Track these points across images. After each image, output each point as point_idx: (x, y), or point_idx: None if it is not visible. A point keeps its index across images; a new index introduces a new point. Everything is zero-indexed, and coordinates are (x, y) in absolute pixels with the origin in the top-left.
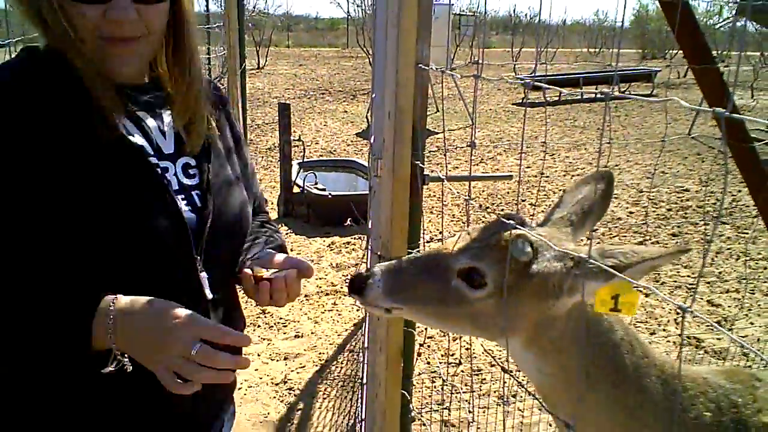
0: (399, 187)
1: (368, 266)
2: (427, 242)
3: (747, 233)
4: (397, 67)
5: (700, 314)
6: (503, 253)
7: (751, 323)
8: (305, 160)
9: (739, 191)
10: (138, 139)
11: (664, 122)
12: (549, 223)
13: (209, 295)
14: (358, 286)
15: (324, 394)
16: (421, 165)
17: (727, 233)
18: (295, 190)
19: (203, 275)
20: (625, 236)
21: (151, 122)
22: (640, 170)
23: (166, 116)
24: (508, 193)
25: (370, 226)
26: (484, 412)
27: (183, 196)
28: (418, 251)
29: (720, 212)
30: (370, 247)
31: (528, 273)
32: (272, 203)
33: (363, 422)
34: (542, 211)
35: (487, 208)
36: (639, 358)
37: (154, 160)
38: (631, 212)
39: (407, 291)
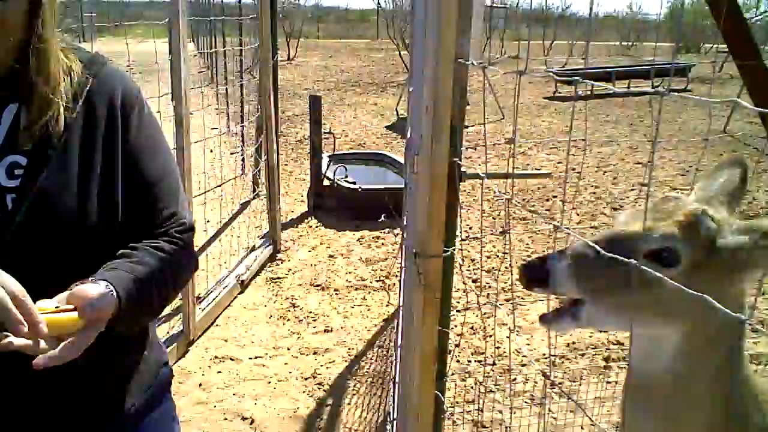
0: (436, 183)
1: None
2: (463, 240)
3: None
4: (436, 62)
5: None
6: (691, 229)
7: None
8: (335, 152)
9: None
10: None
11: (698, 118)
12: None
13: None
14: (538, 274)
15: (353, 390)
16: (459, 162)
17: None
18: (325, 182)
19: None
20: None
21: None
22: (673, 167)
23: (8, 110)
24: (539, 189)
25: (404, 223)
26: (515, 413)
27: None
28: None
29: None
30: (405, 245)
31: (715, 248)
32: (302, 195)
33: (395, 421)
34: (573, 208)
35: (533, 207)
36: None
37: None
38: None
39: (593, 279)
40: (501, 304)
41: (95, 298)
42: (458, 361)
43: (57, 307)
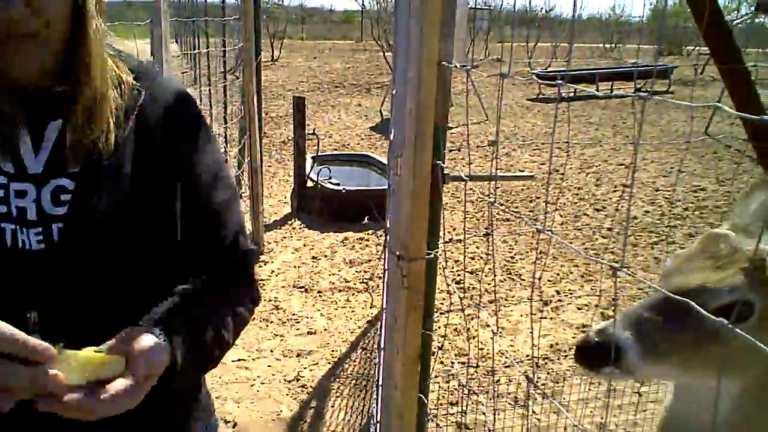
0: (419, 185)
1: (589, 327)
2: (446, 242)
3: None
4: (419, 64)
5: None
6: (760, 275)
7: None
8: (319, 153)
9: None
10: None
11: (680, 120)
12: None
13: None
14: (606, 353)
15: (337, 392)
16: (442, 164)
17: None
18: (309, 184)
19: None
20: (641, 236)
21: (25, 133)
22: (656, 168)
23: (51, 127)
24: (522, 190)
25: (388, 225)
26: (499, 415)
27: (39, 230)
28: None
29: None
30: (388, 247)
31: None
32: (285, 197)
33: (378, 424)
34: (556, 210)
35: (516, 208)
36: None
37: (2, 180)
38: (647, 211)
39: (660, 347)
40: (484, 306)
41: (148, 348)
42: (441, 362)
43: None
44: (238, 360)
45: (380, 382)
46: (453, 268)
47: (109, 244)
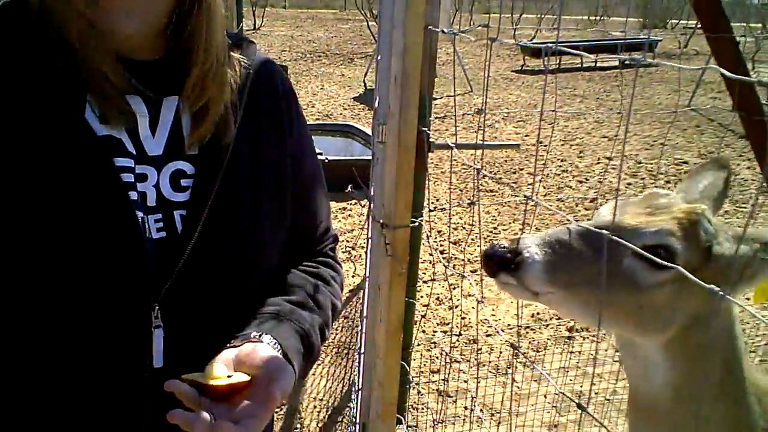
0: (404, 153)
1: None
2: (431, 211)
3: (745, 207)
4: (404, 29)
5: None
6: (691, 229)
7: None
8: None
9: (738, 165)
10: (108, 131)
11: (664, 93)
12: None
13: (157, 363)
14: (508, 262)
15: (319, 360)
16: (427, 131)
17: (726, 206)
18: None
19: (157, 332)
20: None
21: (141, 110)
22: (638, 141)
23: (167, 105)
24: (506, 161)
25: (371, 193)
26: (479, 383)
27: (159, 216)
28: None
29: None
30: (372, 215)
31: (710, 256)
32: None
33: (360, 391)
34: (540, 181)
35: (500, 179)
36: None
37: (125, 162)
38: (629, 183)
39: (568, 272)
40: (467, 275)
41: (277, 370)
42: (424, 331)
43: (229, 376)
44: None
45: (362, 350)
46: (436, 238)
47: (234, 234)
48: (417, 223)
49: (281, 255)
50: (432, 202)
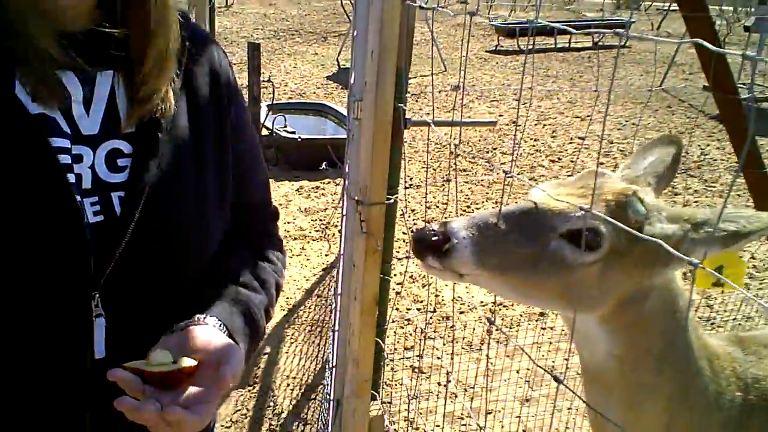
0: (380, 130)
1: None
2: (405, 189)
3: (715, 186)
4: (382, 3)
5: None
6: (619, 211)
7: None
8: (274, 102)
9: (708, 145)
10: (41, 109)
11: (636, 74)
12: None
13: (99, 353)
14: (437, 246)
15: (292, 338)
16: (403, 107)
17: (695, 186)
18: (264, 132)
19: (98, 321)
20: None
21: (74, 87)
22: (611, 121)
23: (101, 80)
24: (480, 140)
25: (347, 170)
26: (453, 359)
27: (96, 199)
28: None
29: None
30: (346, 192)
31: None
32: None
33: (334, 369)
34: (513, 160)
35: (473, 159)
36: (692, 335)
37: (61, 142)
38: (601, 163)
39: (496, 256)
40: None
41: (228, 353)
42: (397, 309)
43: (174, 362)
44: None
45: (336, 327)
46: (411, 216)
47: (176, 216)
48: (392, 200)
49: (224, 234)
50: (406, 181)
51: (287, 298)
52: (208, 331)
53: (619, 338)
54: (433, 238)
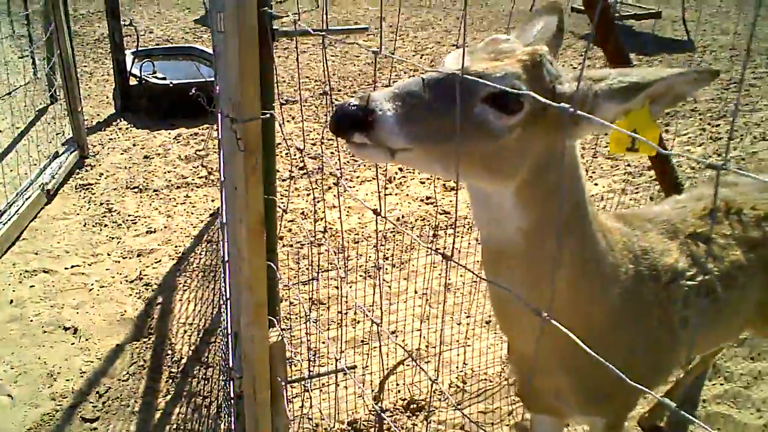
0: (246, 40)
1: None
2: (282, 104)
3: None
4: None
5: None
6: (535, 70)
7: (595, 184)
8: (140, 49)
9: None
10: None
11: (508, 1)
12: None
13: None
14: (361, 119)
15: (184, 286)
16: (270, 11)
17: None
18: (132, 81)
19: None
20: None
21: None
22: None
23: None
24: (359, 75)
25: (217, 90)
26: (351, 288)
27: None
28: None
29: None
30: (220, 111)
31: (554, 97)
32: (107, 97)
33: (228, 301)
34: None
35: (354, 92)
36: (591, 208)
37: None
38: None
39: (421, 124)
40: (329, 188)
41: None
42: (291, 246)
43: None
44: (72, 267)
45: (226, 258)
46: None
47: None
48: (268, 116)
49: None
50: (282, 99)
51: (176, 246)
52: None
53: (530, 209)
54: (355, 110)
